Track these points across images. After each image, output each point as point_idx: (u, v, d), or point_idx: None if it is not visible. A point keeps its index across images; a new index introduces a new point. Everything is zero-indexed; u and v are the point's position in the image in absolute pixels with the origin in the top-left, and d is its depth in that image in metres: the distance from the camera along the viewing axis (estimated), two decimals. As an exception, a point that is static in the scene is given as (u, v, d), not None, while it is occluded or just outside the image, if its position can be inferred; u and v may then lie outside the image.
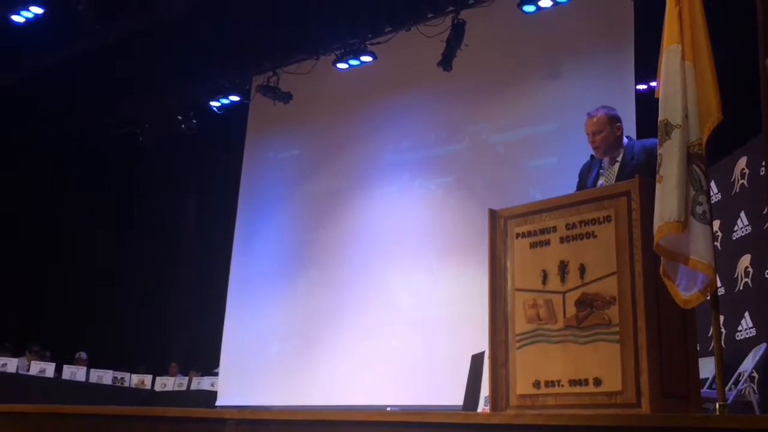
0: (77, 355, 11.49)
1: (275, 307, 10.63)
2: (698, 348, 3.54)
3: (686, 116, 3.19)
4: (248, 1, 10.23)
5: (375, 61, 10.11)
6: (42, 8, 9.84)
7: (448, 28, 9.25)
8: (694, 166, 3.15)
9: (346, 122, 10.57)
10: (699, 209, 3.11)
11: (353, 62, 10.22)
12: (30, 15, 9.91)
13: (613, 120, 4.31)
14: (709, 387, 5.01)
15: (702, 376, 3.96)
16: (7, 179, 12.88)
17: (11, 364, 10.16)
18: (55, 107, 12.16)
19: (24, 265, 12.91)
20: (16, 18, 9.96)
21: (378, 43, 10.05)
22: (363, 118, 10.39)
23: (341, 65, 10.29)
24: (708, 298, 3.17)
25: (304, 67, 10.66)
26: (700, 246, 3.09)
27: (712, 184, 6.38)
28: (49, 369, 10.39)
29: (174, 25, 10.36)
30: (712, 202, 3.47)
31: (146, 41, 10.68)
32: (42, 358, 10.84)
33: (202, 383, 11.16)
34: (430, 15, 9.59)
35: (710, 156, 3.26)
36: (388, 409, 8.12)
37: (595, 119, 4.31)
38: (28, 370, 10.37)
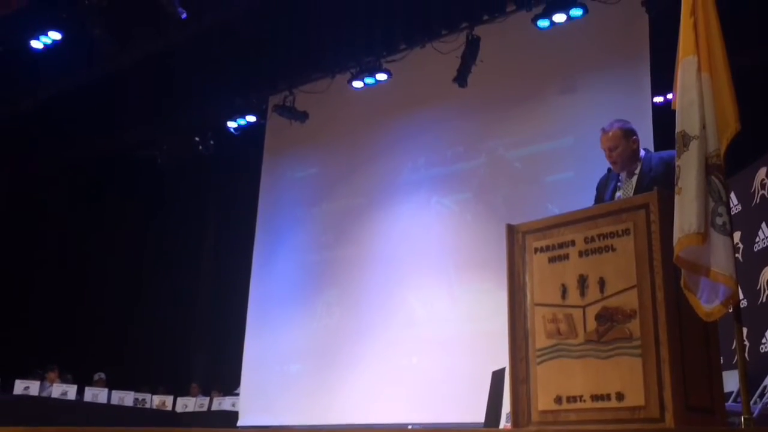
0: (96, 376, 11.52)
1: (295, 327, 10.62)
2: (722, 361, 3.49)
3: (704, 127, 3.17)
4: (262, 22, 10.31)
5: (390, 78, 10.13)
6: (59, 33, 9.97)
7: (463, 45, 9.27)
8: (713, 177, 3.13)
9: (363, 140, 10.60)
10: (719, 220, 3.09)
11: (368, 80, 10.24)
12: (48, 41, 10.05)
13: (628, 133, 4.28)
14: (734, 401, 4.95)
15: (726, 389, 3.91)
16: (25, 202, 13.00)
17: (34, 387, 10.20)
18: (73, 131, 12.26)
19: (42, 287, 12.98)
20: (34, 44, 10.10)
21: (393, 60, 10.09)
22: (379, 136, 10.41)
23: (356, 84, 10.32)
24: (730, 310, 3.14)
25: (320, 86, 10.70)
26: (720, 257, 3.06)
27: (732, 195, 6.33)
28: (71, 391, 10.43)
29: (189, 47, 10.46)
30: (732, 213, 3.45)
31: (162, 64, 10.79)
32: (64, 380, 10.88)
33: (223, 403, 11.16)
34: (444, 32, 9.61)
35: (729, 167, 3.23)
36: (410, 427, 8.08)
37: (610, 134, 4.28)
38: (51, 393, 10.41)
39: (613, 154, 4.27)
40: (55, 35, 10.01)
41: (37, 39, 10.05)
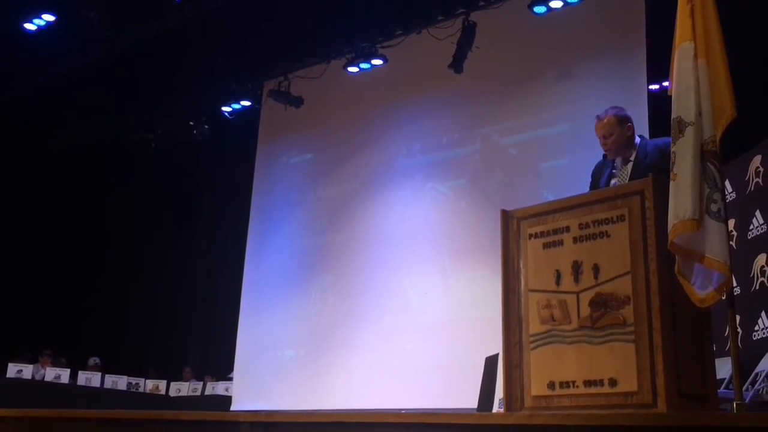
0: (91, 361, 11.52)
1: (289, 312, 10.63)
2: (715, 348, 3.50)
3: (700, 113, 3.17)
4: (258, 7, 10.25)
5: (386, 64, 10.10)
6: (53, 15, 9.89)
7: (459, 31, 9.22)
8: (708, 163, 3.13)
9: (358, 126, 10.57)
10: (714, 207, 3.09)
11: (364, 66, 10.21)
12: (42, 23, 9.98)
13: (623, 120, 4.28)
14: (726, 387, 4.96)
15: (719, 376, 3.92)
16: (18, 185, 12.94)
17: (27, 371, 10.21)
18: (67, 114, 12.21)
19: (37, 271, 12.95)
20: (28, 26, 10.02)
21: (389, 46, 10.05)
22: (374, 122, 10.39)
23: (352, 69, 10.28)
24: (724, 297, 3.14)
25: (315, 72, 10.66)
26: (715, 244, 3.06)
27: (727, 183, 6.33)
28: (64, 375, 10.45)
29: (185, 31, 10.39)
30: (727, 200, 3.44)
31: (157, 47, 10.70)
32: (57, 364, 10.88)
33: (217, 388, 11.18)
34: (440, 17, 9.58)
35: (724, 154, 3.23)
36: (403, 412, 8.09)
37: (604, 121, 4.28)
38: (44, 377, 10.42)
39: (607, 141, 4.27)
40: (48, 17, 9.93)
41: (31, 21, 9.97)
